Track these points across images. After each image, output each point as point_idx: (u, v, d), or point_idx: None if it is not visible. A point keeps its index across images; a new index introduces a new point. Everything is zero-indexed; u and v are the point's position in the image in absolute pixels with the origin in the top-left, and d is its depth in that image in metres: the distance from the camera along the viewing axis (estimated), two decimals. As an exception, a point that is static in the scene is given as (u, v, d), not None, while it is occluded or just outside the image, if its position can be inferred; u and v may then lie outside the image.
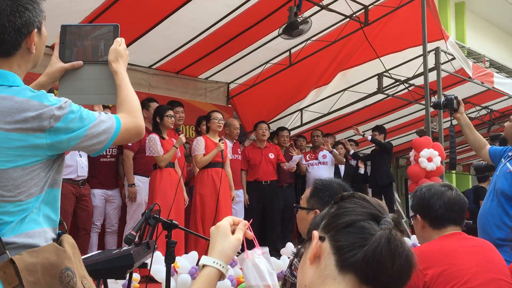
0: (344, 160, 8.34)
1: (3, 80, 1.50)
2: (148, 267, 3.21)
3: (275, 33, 6.87)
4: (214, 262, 1.21)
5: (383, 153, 8.23)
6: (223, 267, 1.21)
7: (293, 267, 2.19)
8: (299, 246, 1.21)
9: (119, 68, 1.79)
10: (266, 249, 1.28)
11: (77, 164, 5.39)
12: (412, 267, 1.05)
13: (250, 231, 1.28)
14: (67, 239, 1.62)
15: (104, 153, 5.86)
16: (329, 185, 2.22)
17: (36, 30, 1.57)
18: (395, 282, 1.04)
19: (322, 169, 7.77)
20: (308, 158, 7.95)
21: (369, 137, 8.07)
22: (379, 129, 8.39)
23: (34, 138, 1.48)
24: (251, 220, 1.32)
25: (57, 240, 1.60)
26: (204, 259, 1.22)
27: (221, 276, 1.22)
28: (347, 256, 1.05)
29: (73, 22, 6.07)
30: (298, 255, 1.20)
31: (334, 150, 8.04)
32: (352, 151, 8.59)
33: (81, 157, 5.45)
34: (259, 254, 1.26)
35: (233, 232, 1.28)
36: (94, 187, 5.76)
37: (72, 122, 1.53)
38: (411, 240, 7.18)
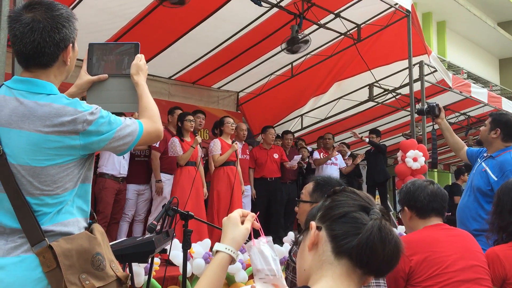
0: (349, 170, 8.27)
1: (42, 89, 1.52)
2: (168, 253, 3.20)
3: (279, 48, 6.86)
4: (226, 248, 1.21)
5: (378, 154, 8.19)
6: (233, 252, 1.22)
7: (292, 253, 2.17)
8: (298, 235, 1.21)
9: (140, 80, 1.79)
10: (270, 238, 1.28)
11: (120, 164, 5.48)
12: (400, 252, 1.06)
13: (257, 222, 1.28)
14: (97, 227, 1.63)
15: (139, 153, 5.95)
16: (330, 180, 2.20)
17: (71, 45, 1.58)
18: (385, 266, 1.05)
19: (333, 169, 7.75)
20: (321, 157, 7.91)
21: (367, 139, 8.01)
22: (375, 132, 8.31)
23: (69, 139, 1.49)
24: (257, 213, 1.31)
25: (88, 228, 1.61)
26: (217, 246, 1.23)
27: (232, 260, 1.23)
28: (342, 243, 1.06)
29: (103, 39, 6.15)
30: (297, 243, 1.20)
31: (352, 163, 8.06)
32: (349, 153, 8.57)
33: (123, 158, 5.52)
34: (264, 242, 1.25)
35: (242, 222, 1.28)
36: (129, 182, 5.81)
37: (102, 126, 1.54)
38: (398, 230, 7.15)
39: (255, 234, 1.29)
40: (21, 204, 1.45)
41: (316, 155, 7.97)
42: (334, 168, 7.80)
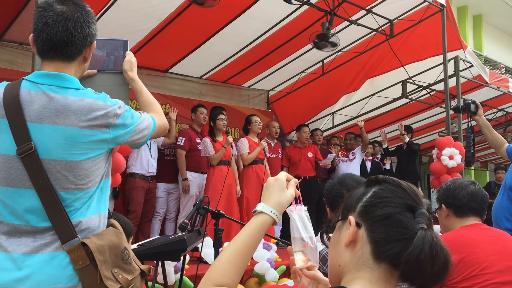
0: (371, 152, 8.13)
1: (71, 83, 1.53)
2: (199, 251, 3.23)
3: (309, 46, 6.82)
4: (271, 211, 1.15)
5: (412, 153, 8.01)
6: (277, 216, 1.15)
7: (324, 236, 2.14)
8: (332, 222, 1.13)
9: (135, 76, 1.81)
10: (306, 207, 1.23)
11: (148, 163, 5.55)
12: (449, 269, 0.99)
13: (298, 189, 1.22)
14: (116, 223, 1.65)
15: (167, 152, 6.04)
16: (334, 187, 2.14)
17: (94, 42, 1.61)
18: (431, 281, 0.99)
19: (351, 166, 7.64)
20: (340, 155, 7.86)
21: (407, 139, 7.82)
22: (407, 128, 8.13)
23: (101, 133, 1.51)
24: (300, 179, 1.26)
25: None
26: (262, 207, 1.15)
27: (273, 223, 1.17)
28: (383, 249, 0.99)
29: (135, 40, 6.24)
30: (330, 227, 1.13)
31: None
32: (385, 145, 8.43)
33: (152, 157, 5.59)
34: (304, 210, 1.21)
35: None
36: (159, 181, 5.90)
37: (127, 119, 1.58)
38: (434, 229, 6.97)
39: (294, 201, 1.24)
40: (53, 200, 1.44)
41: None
42: (352, 164, 7.67)
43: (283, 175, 1.22)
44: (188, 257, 4.13)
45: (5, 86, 1.50)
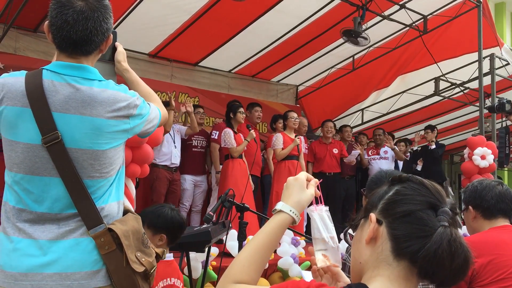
0: (404, 157, 8.03)
1: (93, 75, 1.56)
2: (224, 243, 3.26)
3: (340, 41, 6.75)
4: (290, 210, 1.16)
5: (437, 154, 7.86)
6: (296, 215, 1.16)
7: (346, 235, 2.12)
8: (355, 219, 1.14)
9: (128, 67, 1.82)
10: (327, 208, 1.24)
11: (172, 153, 5.58)
12: (469, 267, 0.98)
13: (319, 190, 1.23)
14: (131, 208, 1.70)
15: (195, 144, 6.07)
16: (380, 179, 2.10)
17: (111, 35, 1.63)
18: (451, 279, 0.98)
19: (383, 164, 7.54)
20: (370, 153, 7.77)
21: (433, 146, 7.64)
22: (431, 128, 7.97)
23: (122, 123, 1.56)
24: (321, 180, 1.27)
25: None
26: (282, 206, 1.17)
27: (293, 222, 1.18)
28: (403, 246, 0.99)
29: (166, 33, 6.31)
30: (353, 225, 1.13)
31: (396, 147, 7.81)
32: (415, 147, 8.27)
33: (175, 147, 5.63)
34: (325, 210, 1.22)
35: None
36: (185, 173, 5.92)
37: (143, 109, 1.62)
38: (462, 231, 6.86)
39: (315, 201, 1.25)
40: (79, 188, 1.48)
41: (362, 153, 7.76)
42: (384, 162, 7.55)
43: (303, 174, 1.23)
44: (216, 251, 4.14)
45: (25, 76, 1.51)
